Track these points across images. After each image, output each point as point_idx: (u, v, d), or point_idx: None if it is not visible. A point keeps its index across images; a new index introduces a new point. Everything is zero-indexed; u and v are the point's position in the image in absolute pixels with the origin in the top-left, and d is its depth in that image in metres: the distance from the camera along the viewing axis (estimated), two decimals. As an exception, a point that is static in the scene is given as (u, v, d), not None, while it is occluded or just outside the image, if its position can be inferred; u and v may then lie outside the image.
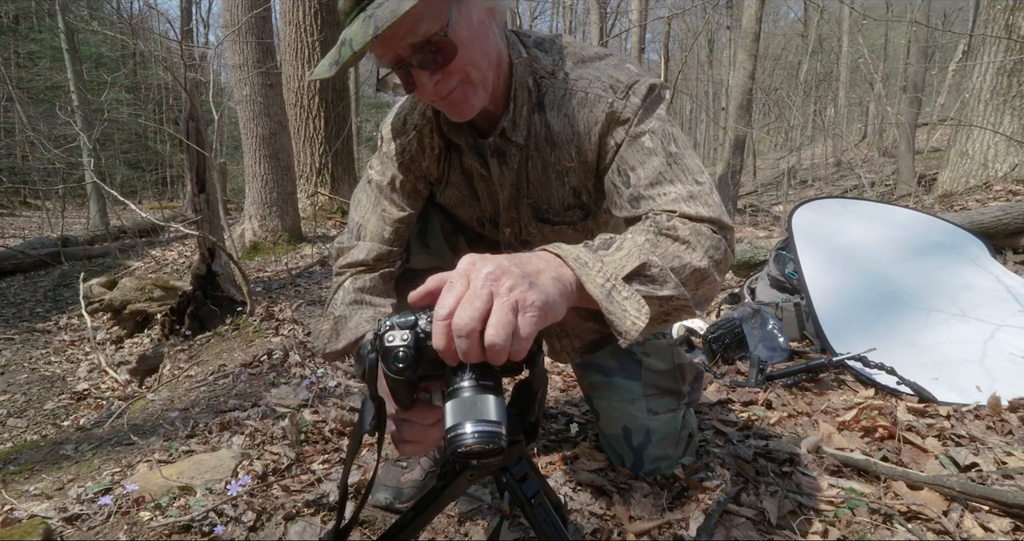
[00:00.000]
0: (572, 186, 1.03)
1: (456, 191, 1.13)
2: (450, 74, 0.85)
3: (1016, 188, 4.24)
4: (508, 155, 1.01)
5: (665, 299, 0.74)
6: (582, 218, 1.07)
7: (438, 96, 0.87)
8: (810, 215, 2.56)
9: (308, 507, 1.25)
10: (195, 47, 9.03)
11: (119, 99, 16.37)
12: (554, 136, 0.98)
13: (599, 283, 0.69)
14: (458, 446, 0.56)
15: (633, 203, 0.90)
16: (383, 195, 1.10)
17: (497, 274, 0.59)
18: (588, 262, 0.70)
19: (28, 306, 4.96)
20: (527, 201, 1.06)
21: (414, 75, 0.84)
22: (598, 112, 0.94)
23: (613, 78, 0.94)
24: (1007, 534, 1.10)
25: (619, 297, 0.69)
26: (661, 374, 1.25)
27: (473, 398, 0.58)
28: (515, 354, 0.57)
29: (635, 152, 0.91)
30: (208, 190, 3.27)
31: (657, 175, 0.88)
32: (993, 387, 1.68)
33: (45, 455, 1.79)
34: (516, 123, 0.97)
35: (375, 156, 1.14)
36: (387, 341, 0.63)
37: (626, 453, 1.29)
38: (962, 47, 13.15)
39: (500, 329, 0.56)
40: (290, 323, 3.05)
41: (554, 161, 1.00)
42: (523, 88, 0.96)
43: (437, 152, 1.07)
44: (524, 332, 0.57)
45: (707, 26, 16.50)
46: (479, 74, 0.88)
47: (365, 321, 0.98)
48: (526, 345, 0.58)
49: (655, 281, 0.73)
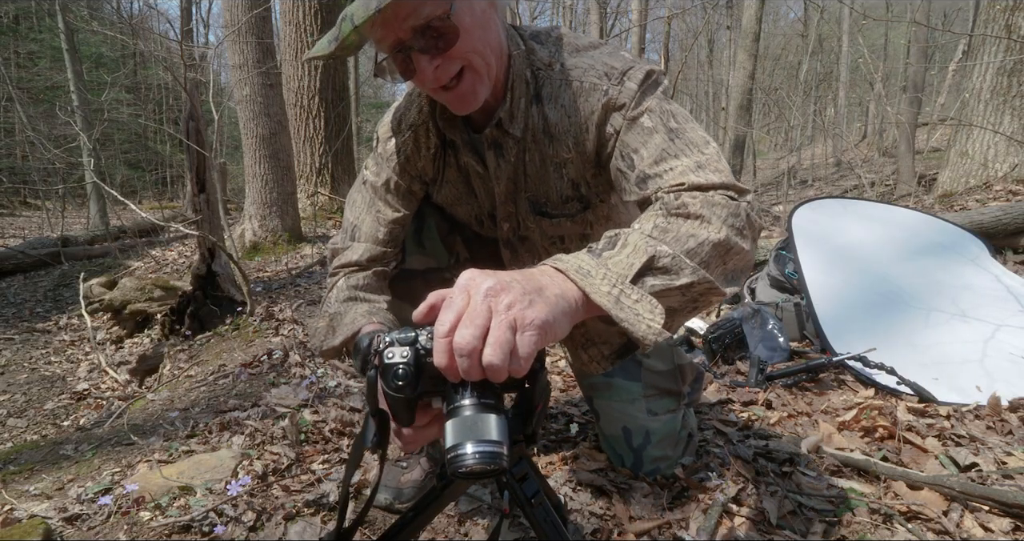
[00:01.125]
0: (570, 178, 1.02)
1: (453, 189, 1.12)
2: (451, 60, 0.84)
3: (1016, 188, 4.24)
4: (505, 148, 1.00)
5: (685, 287, 0.70)
6: (581, 210, 1.06)
7: (438, 83, 0.86)
8: (810, 215, 2.56)
9: (308, 507, 1.25)
10: (195, 47, 9.03)
11: (119, 99, 16.37)
12: (551, 128, 0.97)
13: (605, 291, 0.65)
14: (459, 466, 0.55)
15: (641, 184, 0.87)
16: (378, 195, 1.10)
17: (497, 289, 0.58)
18: (591, 271, 0.66)
19: (28, 306, 4.96)
20: (524, 195, 1.06)
21: (414, 60, 0.83)
22: (594, 101, 0.92)
23: (608, 65, 0.93)
24: (1007, 534, 1.10)
25: (629, 302, 0.66)
26: (661, 375, 1.25)
27: (474, 417, 0.57)
28: (515, 372, 0.56)
29: (636, 134, 0.89)
30: (208, 190, 3.27)
31: (660, 152, 0.86)
32: (993, 387, 1.68)
33: (45, 455, 1.79)
34: (514, 115, 0.96)
35: (370, 156, 1.14)
36: (387, 358, 0.62)
37: (626, 453, 1.29)
38: (962, 47, 13.16)
39: (497, 349, 0.54)
40: (290, 323, 3.05)
41: (552, 154, 0.99)
42: (521, 80, 0.95)
43: (433, 151, 1.07)
44: (523, 352, 0.56)
45: (707, 26, 16.50)
46: (482, 62, 0.87)
47: (360, 315, 0.98)
48: (526, 365, 0.56)
49: (669, 272, 0.70)
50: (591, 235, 1.10)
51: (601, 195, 1.05)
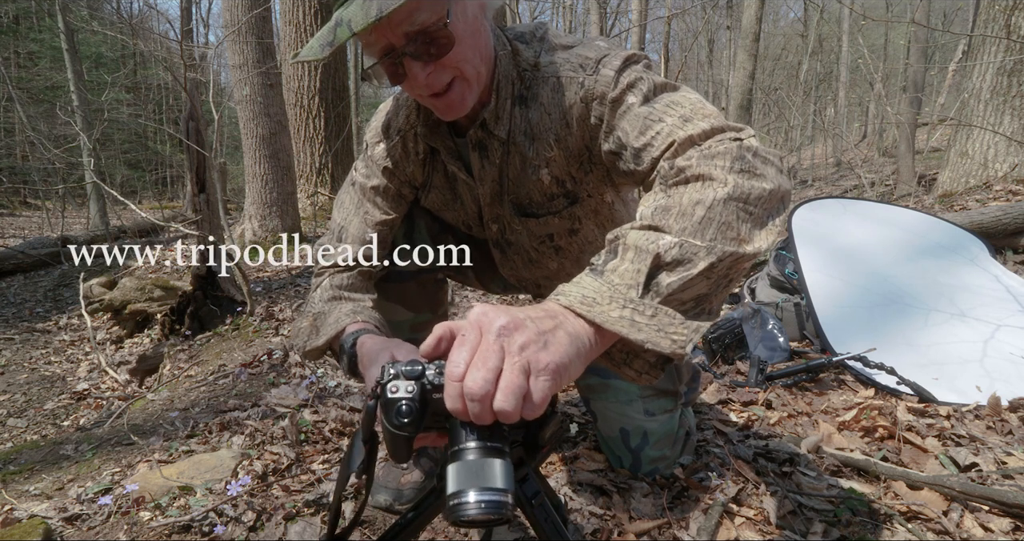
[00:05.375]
0: (555, 176, 1.00)
1: (440, 195, 1.12)
2: (443, 67, 0.83)
3: (1016, 188, 4.24)
4: (490, 150, 0.98)
5: (706, 271, 0.64)
6: (568, 205, 1.04)
7: (429, 90, 0.85)
8: (810, 215, 2.56)
9: (308, 507, 1.25)
10: (195, 47, 9.03)
11: (119, 99, 16.36)
12: (532, 128, 0.95)
13: (616, 317, 0.61)
14: (461, 515, 0.51)
15: (636, 161, 0.83)
16: (366, 197, 1.09)
17: (510, 329, 0.55)
18: (596, 298, 0.62)
19: (28, 306, 4.96)
20: (508, 198, 1.04)
21: (406, 65, 0.82)
22: (571, 94, 0.91)
23: (582, 57, 0.91)
24: (1007, 534, 1.10)
25: (644, 319, 0.62)
26: None
27: (479, 462, 0.54)
28: (527, 416, 0.54)
29: (620, 115, 0.86)
30: (208, 190, 3.27)
31: (643, 121, 0.82)
32: (993, 387, 1.68)
33: (45, 455, 1.78)
34: (499, 116, 0.95)
35: (360, 158, 1.13)
36: (390, 392, 0.58)
37: (624, 454, 1.29)
38: (962, 47, 13.15)
39: (509, 395, 0.52)
40: (290, 323, 3.05)
41: (532, 156, 0.98)
42: (507, 81, 0.94)
43: (421, 157, 1.06)
44: (536, 398, 0.53)
45: (707, 26, 16.51)
46: (473, 71, 0.86)
47: (345, 315, 0.96)
48: (539, 410, 0.54)
49: (682, 263, 0.64)
50: (579, 229, 1.08)
51: (590, 190, 1.03)
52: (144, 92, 19.37)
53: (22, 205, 14.09)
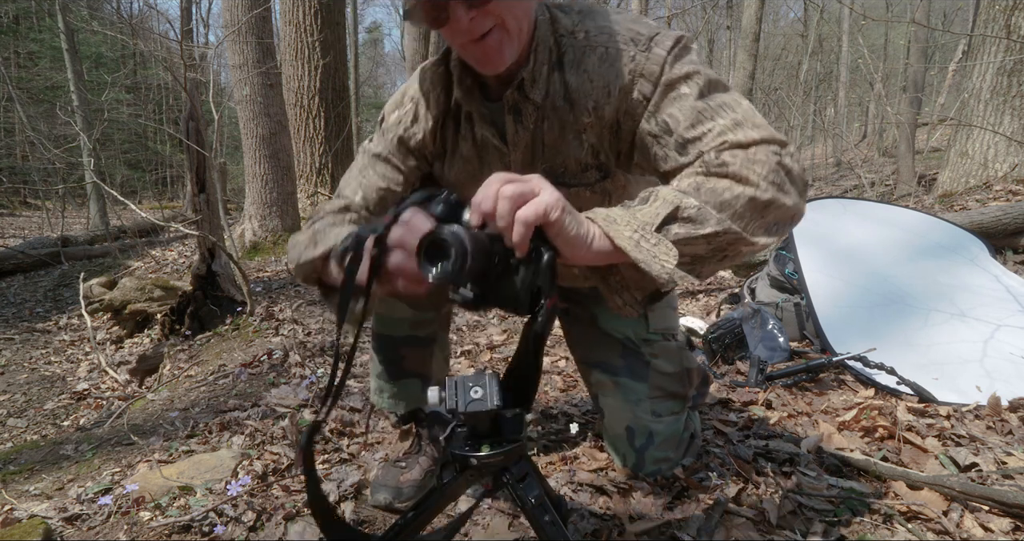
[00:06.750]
0: (591, 144, 1.00)
1: (467, 166, 1.09)
2: (487, 14, 0.84)
3: (1016, 188, 4.24)
4: (524, 114, 0.98)
5: (711, 236, 0.75)
6: (600, 179, 1.05)
7: (471, 35, 0.85)
8: (810, 215, 2.52)
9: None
10: (195, 47, 9.02)
11: (119, 99, 16.37)
12: (571, 94, 0.96)
13: (627, 236, 0.73)
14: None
15: (681, 150, 0.87)
16: (370, 163, 1.09)
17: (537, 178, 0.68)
18: (617, 219, 0.74)
19: (28, 306, 4.96)
20: (541, 165, 1.04)
21: (451, 9, 0.82)
22: (620, 66, 0.91)
23: (633, 31, 0.92)
24: (1007, 534, 1.10)
25: (647, 245, 0.73)
26: (668, 377, 1.25)
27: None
28: (506, 231, 0.66)
29: (671, 100, 0.88)
30: (208, 190, 3.27)
31: (696, 114, 0.86)
32: (993, 387, 1.68)
33: (45, 455, 1.79)
34: (535, 78, 0.95)
35: (376, 131, 1.13)
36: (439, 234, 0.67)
37: (628, 453, 1.28)
38: (962, 47, 13.14)
39: (510, 194, 0.65)
40: (290, 323, 3.05)
41: (571, 120, 0.98)
42: (544, 46, 0.94)
43: (431, 124, 1.05)
44: (522, 213, 0.65)
45: (707, 26, 16.51)
46: (515, 23, 0.87)
47: (345, 231, 0.92)
48: (524, 231, 0.66)
49: (694, 221, 0.74)
50: (609, 206, 1.09)
51: (620, 164, 1.03)
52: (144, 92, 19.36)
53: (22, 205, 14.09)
